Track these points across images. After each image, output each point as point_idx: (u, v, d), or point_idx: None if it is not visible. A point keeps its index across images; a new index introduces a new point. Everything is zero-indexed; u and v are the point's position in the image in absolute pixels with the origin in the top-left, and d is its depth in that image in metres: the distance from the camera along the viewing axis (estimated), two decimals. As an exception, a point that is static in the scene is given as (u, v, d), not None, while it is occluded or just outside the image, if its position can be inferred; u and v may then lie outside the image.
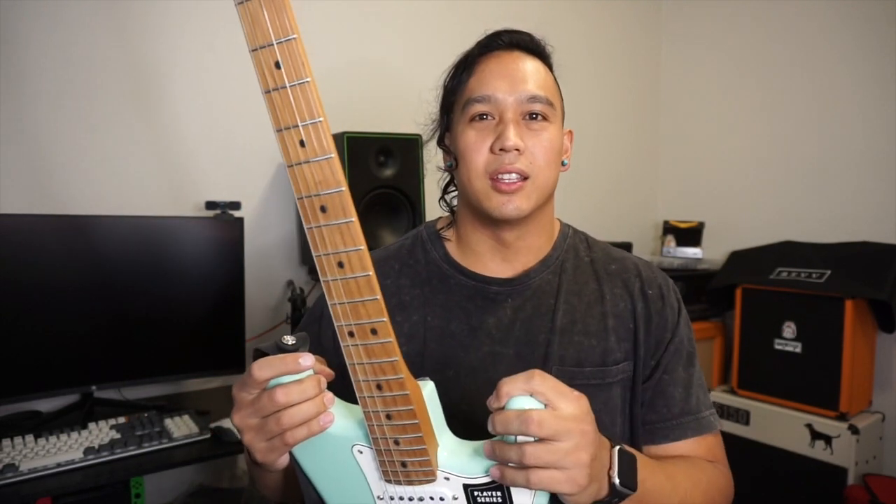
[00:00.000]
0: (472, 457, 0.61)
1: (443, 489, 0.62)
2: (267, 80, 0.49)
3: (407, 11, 2.15)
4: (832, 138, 2.36)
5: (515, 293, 0.81)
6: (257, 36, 0.49)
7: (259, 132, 1.88)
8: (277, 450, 0.59)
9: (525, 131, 0.75)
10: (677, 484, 0.71)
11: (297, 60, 0.48)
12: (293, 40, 0.48)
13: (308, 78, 0.48)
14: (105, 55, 1.64)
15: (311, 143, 0.50)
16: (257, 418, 0.59)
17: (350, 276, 0.54)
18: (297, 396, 0.57)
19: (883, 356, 2.19)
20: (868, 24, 2.25)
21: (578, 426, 0.55)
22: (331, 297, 0.55)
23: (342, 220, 0.52)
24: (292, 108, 0.49)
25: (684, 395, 0.80)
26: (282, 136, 0.51)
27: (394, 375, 0.57)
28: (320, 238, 0.53)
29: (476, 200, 0.77)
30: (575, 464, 0.55)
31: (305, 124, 0.50)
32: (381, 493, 0.64)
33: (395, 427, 0.59)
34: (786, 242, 2.38)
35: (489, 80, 0.77)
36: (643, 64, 2.93)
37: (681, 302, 0.85)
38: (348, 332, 0.56)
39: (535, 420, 0.54)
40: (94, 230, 1.48)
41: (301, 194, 0.52)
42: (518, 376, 0.56)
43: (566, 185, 3.01)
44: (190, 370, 1.63)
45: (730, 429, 2.25)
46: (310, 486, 0.66)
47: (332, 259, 0.54)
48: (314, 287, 1.94)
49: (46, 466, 1.21)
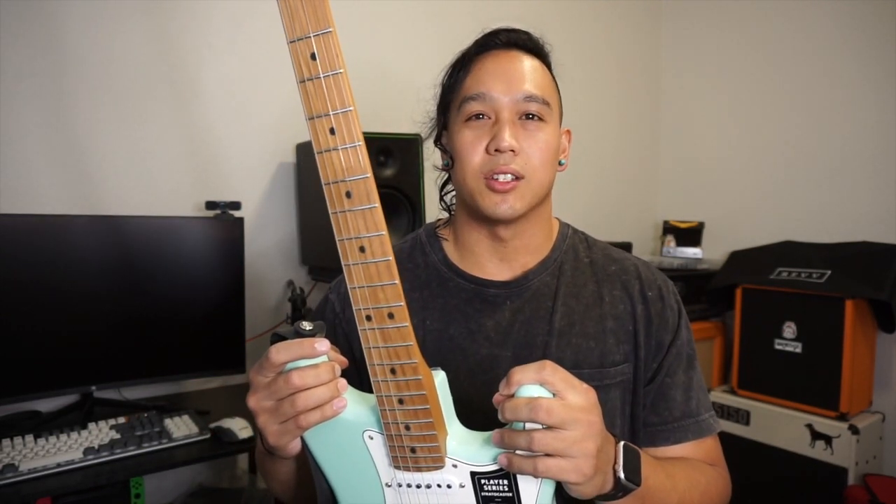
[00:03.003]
0: (480, 445, 0.62)
1: (450, 476, 0.63)
2: (302, 70, 0.52)
3: (407, 11, 2.15)
4: (832, 138, 2.36)
5: (514, 295, 0.81)
6: (295, 28, 0.51)
7: (259, 132, 1.88)
8: (290, 433, 0.60)
9: (521, 132, 0.75)
10: (676, 483, 0.71)
11: (332, 52, 0.51)
12: (329, 33, 0.51)
13: (341, 69, 0.51)
14: (103, 56, 1.64)
15: (341, 130, 0.53)
16: (272, 401, 0.60)
17: (371, 260, 0.56)
18: (312, 380, 0.58)
19: (883, 356, 2.19)
20: (868, 24, 2.25)
21: (586, 416, 0.56)
22: (351, 281, 0.57)
23: (366, 205, 0.54)
24: (325, 97, 0.52)
25: (685, 397, 0.80)
26: (313, 124, 0.53)
27: (408, 360, 0.58)
28: (344, 223, 0.55)
29: (471, 199, 0.77)
30: (581, 453, 0.56)
31: (336, 113, 0.52)
32: (389, 479, 0.65)
33: (406, 412, 0.60)
34: (786, 242, 2.38)
35: (485, 79, 0.76)
36: (643, 64, 2.93)
37: (680, 304, 0.84)
38: (366, 315, 0.58)
39: (543, 407, 0.55)
40: (93, 230, 1.47)
41: (328, 180, 0.54)
42: (530, 366, 0.58)
43: (566, 184, 3.01)
44: (190, 370, 1.63)
45: (730, 429, 2.25)
46: (319, 471, 0.67)
47: (354, 243, 0.56)
48: (314, 287, 1.94)
49: (46, 466, 1.21)
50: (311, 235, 1.89)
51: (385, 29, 2.11)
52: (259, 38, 1.85)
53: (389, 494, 0.65)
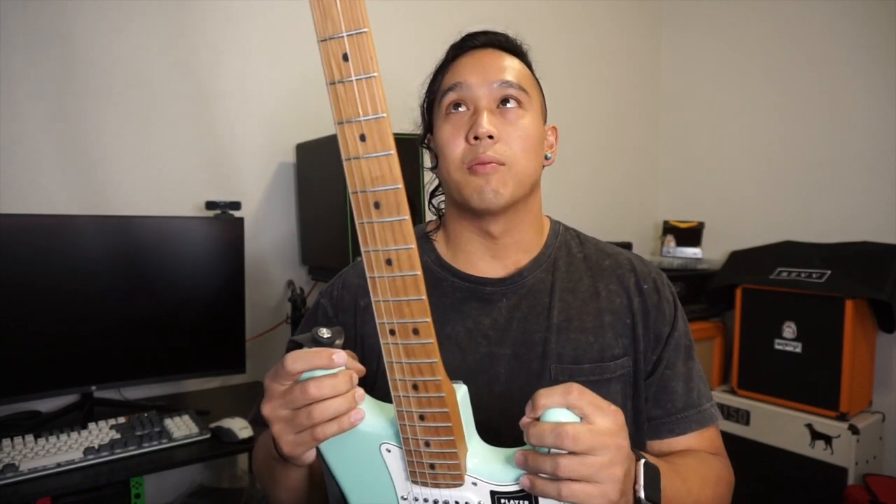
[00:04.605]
0: (502, 464, 0.60)
1: (469, 494, 0.61)
2: (333, 71, 0.49)
3: (407, 10, 2.14)
4: (833, 138, 2.36)
5: (510, 292, 0.81)
6: (327, 26, 0.48)
7: (260, 132, 1.89)
8: (305, 444, 0.59)
9: (499, 119, 0.75)
10: (691, 486, 0.71)
11: (366, 54, 0.48)
12: (364, 33, 0.47)
13: (375, 73, 0.48)
14: (103, 56, 1.64)
15: (373, 138, 0.50)
16: (288, 410, 0.59)
17: (398, 274, 0.54)
18: (329, 391, 0.57)
19: (883, 356, 2.19)
20: (869, 23, 2.25)
21: (614, 441, 0.55)
22: (375, 294, 0.55)
23: (395, 217, 0.52)
24: (356, 101, 0.49)
25: (686, 388, 0.80)
26: (342, 129, 0.50)
27: (431, 377, 0.56)
28: (371, 234, 0.53)
29: (457, 192, 0.77)
30: (609, 479, 0.54)
31: (368, 119, 0.49)
32: (405, 493, 0.63)
33: (427, 429, 0.58)
34: (786, 242, 2.38)
35: (462, 72, 0.78)
36: (643, 64, 2.93)
37: (675, 295, 0.84)
38: (389, 329, 0.56)
39: (570, 435, 0.53)
40: (93, 230, 1.48)
41: (356, 189, 0.52)
42: (555, 388, 0.56)
43: (567, 184, 3.01)
44: (190, 370, 1.63)
45: (730, 429, 2.25)
46: (334, 481, 0.66)
47: (380, 256, 0.53)
48: (314, 287, 1.94)
49: (46, 466, 1.21)
50: (311, 235, 1.89)
51: (385, 29, 2.11)
52: (259, 38, 1.85)
53: None
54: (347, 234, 1.62)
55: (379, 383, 0.71)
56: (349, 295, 0.86)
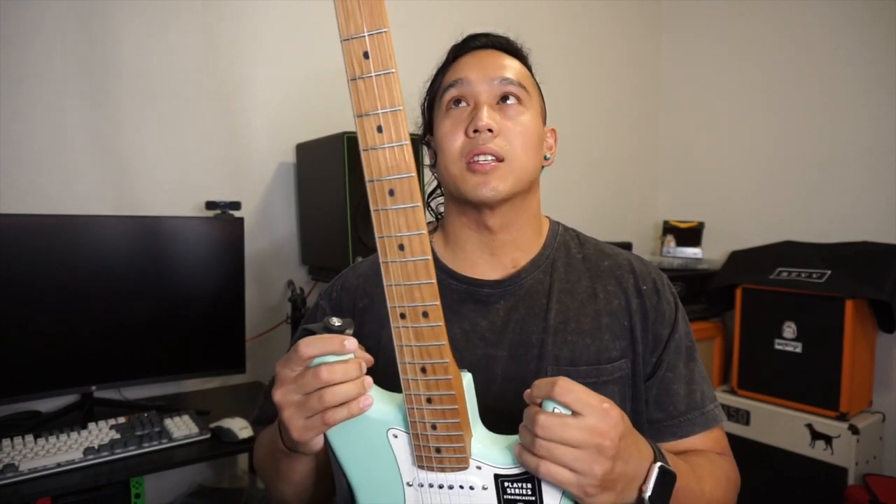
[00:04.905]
0: (505, 449, 0.62)
1: (474, 478, 0.63)
2: (354, 68, 0.53)
3: (407, 11, 2.14)
4: (832, 138, 2.36)
5: (507, 294, 0.80)
6: (350, 27, 0.52)
7: (260, 132, 1.89)
8: (315, 428, 0.60)
9: (499, 115, 0.76)
10: (704, 486, 0.72)
11: (385, 52, 0.52)
12: (384, 33, 0.52)
13: (393, 69, 0.52)
14: (103, 57, 1.64)
15: (389, 129, 0.54)
16: (299, 394, 0.60)
17: (409, 258, 0.57)
18: (340, 375, 0.58)
19: (883, 356, 2.19)
20: (869, 23, 2.25)
21: (594, 439, 0.56)
22: (388, 279, 0.58)
23: (409, 204, 0.55)
24: (374, 95, 0.53)
25: (688, 390, 0.80)
26: (361, 122, 0.54)
27: (440, 359, 0.59)
28: (385, 220, 0.56)
29: (454, 186, 0.77)
30: (586, 472, 0.55)
31: (385, 111, 0.53)
32: (411, 478, 0.65)
33: (434, 411, 0.60)
34: (786, 242, 2.38)
35: (463, 69, 0.79)
36: (643, 64, 2.93)
37: (676, 296, 0.84)
38: (400, 313, 0.58)
39: (538, 422, 0.56)
40: (94, 230, 1.47)
41: (372, 177, 0.55)
42: (545, 380, 0.58)
43: (566, 184, 3.00)
44: (190, 370, 1.63)
45: (730, 429, 2.24)
46: (340, 469, 0.67)
47: (394, 241, 0.56)
48: (314, 287, 1.94)
49: (46, 466, 1.21)
50: (311, 235, 1.89)
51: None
52: (259, 39, 1.85)
53: (410, 494, 0.65)
54: (347, 233, 1.62)
55: (378, 383, 0.71)
56: (348, 297, 0.86)
